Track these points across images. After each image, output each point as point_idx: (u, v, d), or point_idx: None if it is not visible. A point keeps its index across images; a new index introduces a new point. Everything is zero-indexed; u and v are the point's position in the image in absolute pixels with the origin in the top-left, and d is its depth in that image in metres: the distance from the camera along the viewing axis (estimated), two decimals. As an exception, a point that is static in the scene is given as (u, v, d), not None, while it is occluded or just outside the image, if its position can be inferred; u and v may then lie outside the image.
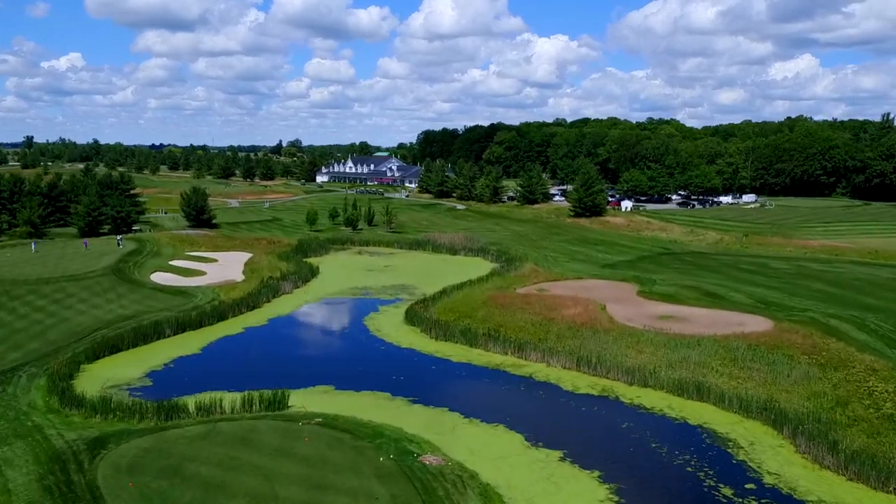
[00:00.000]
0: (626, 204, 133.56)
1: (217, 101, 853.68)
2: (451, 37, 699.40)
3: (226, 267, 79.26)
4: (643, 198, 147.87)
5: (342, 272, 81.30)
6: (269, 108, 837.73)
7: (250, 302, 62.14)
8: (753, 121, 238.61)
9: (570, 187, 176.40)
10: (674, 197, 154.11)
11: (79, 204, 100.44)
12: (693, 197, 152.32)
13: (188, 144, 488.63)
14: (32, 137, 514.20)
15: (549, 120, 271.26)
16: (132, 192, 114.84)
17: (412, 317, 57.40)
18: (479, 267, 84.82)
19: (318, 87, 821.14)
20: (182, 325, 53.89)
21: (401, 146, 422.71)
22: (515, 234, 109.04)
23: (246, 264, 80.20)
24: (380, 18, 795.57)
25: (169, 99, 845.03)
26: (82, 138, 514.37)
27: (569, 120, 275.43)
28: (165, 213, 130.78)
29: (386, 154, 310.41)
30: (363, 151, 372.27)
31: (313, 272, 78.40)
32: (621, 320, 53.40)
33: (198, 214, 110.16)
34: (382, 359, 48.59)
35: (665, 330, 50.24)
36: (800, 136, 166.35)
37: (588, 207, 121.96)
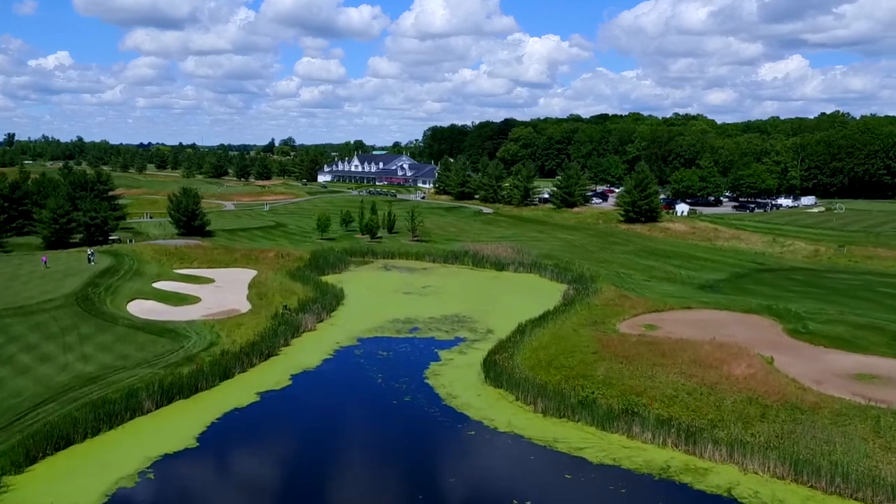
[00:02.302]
0: (682, 208, 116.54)
1: (206, 100, 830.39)
2: (443, 36, 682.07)
3: (225, 290, 62.28)
4: (688, 200, 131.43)
5: (373, 296, 64.32)
6: (258, 108, 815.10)
7: (263, 347, 45.11)
8: (746, 119, 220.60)
9: (601, 188, 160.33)
10: (723, 199, 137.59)
11: (43, 208, 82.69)
12: (748, 199, 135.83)
13: (177, 143, 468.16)
14: (14, 135, 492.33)
15: (539, 119, 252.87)
16: (111, 193, 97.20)
17: (495, 373, 40.58)
18: (542, 288, 68.30)
19: (309, 86, 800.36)
20: (169, 392, 36.81)
21: (395, 145, 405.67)
22: (567, 245, 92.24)
23: (251, 286, 63.24)
24: (371, 17, 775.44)
25: (158, 98, 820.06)
26: (68, 137, 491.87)
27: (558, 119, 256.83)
28: (151, 217, 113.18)
29: (383, 152, 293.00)
30: (359, 150, 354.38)
31: (337, 297, 61.38)
32: (808, 383, 36.74)
33: (188, 220, 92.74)
34: (481, 459, 31.64)
35: (891, 403, 33.58)
36: (857, 132, 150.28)
37: (643, 212, 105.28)
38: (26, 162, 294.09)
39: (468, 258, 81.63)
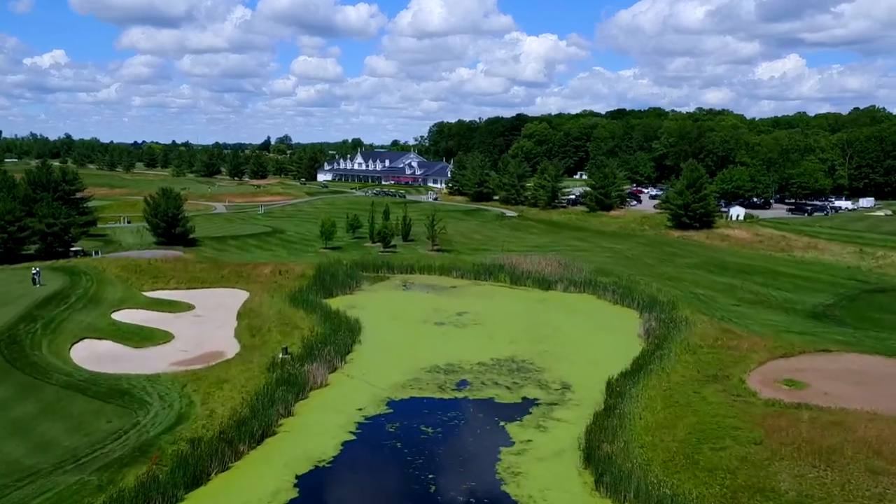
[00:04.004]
0: (737, 211, 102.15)
1: (202, 98, 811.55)
2: (440, 35, 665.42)
3: (207, 321, 48.26)
4: (738, 202, 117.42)
5: (397, 330, 50.06)
6: (255, 107, 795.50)
7: (254, 425, 30.76)
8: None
9: (628, 188, 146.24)
10: (772, 201, 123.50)
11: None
12: (797, 201, 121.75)
13: (171, 141, 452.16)
14: (1, 132, 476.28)
15: (552, 115, 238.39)
16: (78, 194, 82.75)
17: (612, 478, 26.36)
18: (607, 315, 54.39)
19: (305, 85, 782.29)
20: (99, 525, 22.49)
21: (394, 143, 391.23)
22: (618, 256, 78.11)
23: (241, 316, 49.22)
24: (368, 16, 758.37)
25: (153, 97, 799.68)
26: (60, 135, 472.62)
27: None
28: (129, 222, 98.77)
29: (386, 150, 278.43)
30: (361, 147, 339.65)
31: (353, 332, 47.14)
32: None
33: (168, 227, 78.44)
34: None
35: None
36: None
37: (697, 216, 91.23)
38: (9, 160, 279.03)
39: (504, 274, 67.47)
